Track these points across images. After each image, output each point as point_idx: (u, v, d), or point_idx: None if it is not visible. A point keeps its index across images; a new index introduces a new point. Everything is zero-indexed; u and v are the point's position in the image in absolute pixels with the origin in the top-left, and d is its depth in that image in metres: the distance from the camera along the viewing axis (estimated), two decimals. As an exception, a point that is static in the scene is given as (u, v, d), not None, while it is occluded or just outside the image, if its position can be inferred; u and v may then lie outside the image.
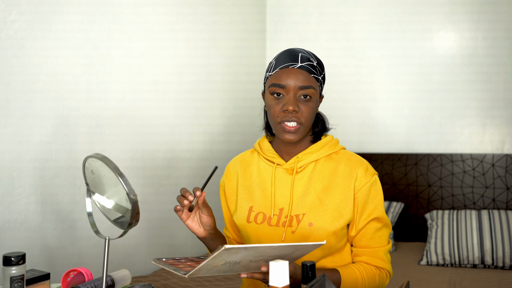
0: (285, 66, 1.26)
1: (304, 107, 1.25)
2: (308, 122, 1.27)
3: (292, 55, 1.27)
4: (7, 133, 1.77)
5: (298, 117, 1.24)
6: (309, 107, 1.25)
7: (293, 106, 1.23)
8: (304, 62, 1.26)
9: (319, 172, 1.31)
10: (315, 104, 1.28)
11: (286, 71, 1.25)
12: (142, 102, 2.43)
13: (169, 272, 2.37)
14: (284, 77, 1.25)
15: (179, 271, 1.08)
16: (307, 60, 1.27)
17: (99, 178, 1.14)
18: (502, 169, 2.92)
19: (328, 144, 1.34)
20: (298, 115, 1.24)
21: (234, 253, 0.98)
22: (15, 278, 1.17)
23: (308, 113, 1.25)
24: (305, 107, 1.25)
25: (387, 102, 3.32)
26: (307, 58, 1.28)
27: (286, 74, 1.25)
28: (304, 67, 1.26)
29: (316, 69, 1.28)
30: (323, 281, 0.99)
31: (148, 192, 2.45)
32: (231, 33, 3.21)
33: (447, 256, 2.58)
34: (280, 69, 1.27)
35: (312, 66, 1.27)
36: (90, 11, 2.11)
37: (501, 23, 3.04)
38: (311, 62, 1.28)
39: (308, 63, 1.27)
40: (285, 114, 1.24)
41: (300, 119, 1.25)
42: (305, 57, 1.28)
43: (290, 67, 1.25)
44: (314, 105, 1.27)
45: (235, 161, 1.45)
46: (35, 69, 1.87)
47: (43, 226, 1.91)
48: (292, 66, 1.25)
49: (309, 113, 1.26)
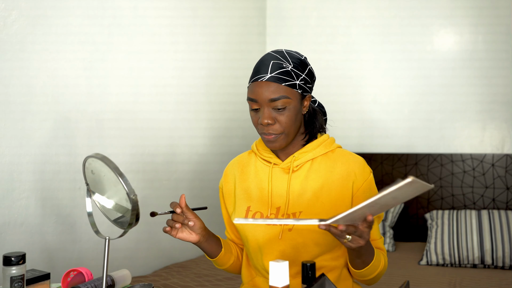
0: (255, 79, 1.25)
1: (280, 117, 1.24)
2: (290, 129, 1.27)
3: (263, 66, 1.25)
4: (7, 133, 1.77)
5: (274, 128, 1.25)
6: (285, 116, 1.25)
7: (267, 119, 1.23)
8: (274, 71, 1.23)
9: (316, 171, 1.31)
10: (293, 111, 1.26)
11: (256, 84, 1.25)
12: (142, 102, 2.43)
13: (169, 272, 2.36)
14: (255, 91, 1.24)
15: (301, 221, 1.03)
16: (278, 68, 1.24)
17: (99, 178, 1.14)
18: (502, 169, 2.92)
19: (324, 143, 1.35)
20: (274, 126, 1.25)
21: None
22: (15, 278, 1.17)
23: (285, 122, 1.25)
24: (281, 116, 1.24)
25: (387, 102, 3.31)
26: (278, 66, 1.24)
27: (257, 88, 1.24)
28: (272, 77, 1.23)
29: (289, 75, 1.24)
30: (323, 281, 0.99)
31: (148, 192, 2.45)
32: (231, 34, 3.21)
33: (447, 256, 2.58)
34: (252, 82, 1.27)
35: (284, 73, 1.24)
36: (90, 11, 2.12)
37: (501, 24, 3.04)
38: (284, 68, 1.24)
39: (279, 71, 1.23)
40: (262, 127, 1.26)
41: (277, 129, 1.25)
42: (277, 65, 1.24)
43: (259, 80, 1.24)
44: (291, 113, 1.25)
45: (233, 164, 1.46)
46: (35, 69, 1.87)
47: (43, 226, 1.91)
48: (261, 79, 1.24)
49: (286, 121, 1.25)
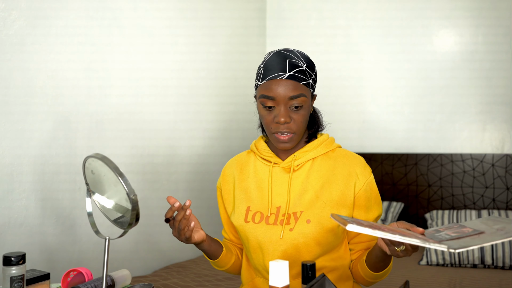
0: (273, 77, 1.23)
1: (296, 116, 1.24)
2: (301, 129, 1.27)
3: (279, 64, 1.24)
4: (7, 133, 1.77)
5: (290, 127, 1.24)
6: (301, 115, 1.25)
7: (285, 118, 1.22)
8: (293, 70, 1.23)
9: (317, 170, 1.31)
10: (307, 110, 1.27)
11: (274, 82, 1.23)
12: (142, 102, 2.43)
13: (169, 272, 2.36)
14: (273, 88, 1.23)
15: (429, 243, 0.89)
16: (295, 67, 1.24)
17: (99, 178, 1.14)
18: (502, 169, 2.92)
19: (324, 143, 1.35)
20: (290, 125, 1.24)
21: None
22: (15, 278, 1.17)
23: (300, 121, 1.25)
24: (297, 115, 1.25)
25: (387, 102, 3.31)
26: (295, 65, 1.24)
27: (275, 85, 1.23)
28: (292, 76, 1.23)
29: (305, 74, 1.25)
30: (323, 281, 0.99)
31: (148, 192, 2.45)
32: (231, 33, 3.21)
33: (447, 256, 2.58)
34: (268, 79, 1.24)
35: (301, 72, 1.24)
36: (90, 11, 2.12)
37: (501, 23, 3.04)
38: (300, 67, 1.24)
39: (297, 69, 1.24)
40: (277, 126, 1.25)
41: (293, 128, 1.25)
42: (293, 64, 1.24)
43: (279, 78, 1.23)
44: (306, 111, 1.26)
45: (231, 163, 1.45)
46: (35, 69, 1.87)
47: (43, 226, 1.91)
48: (281, 77, 1.23)
49: (301, 121, 1.26)
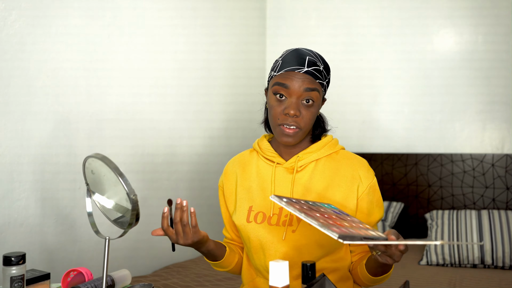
0: (291, 69, 1.25)
1: (305, 112, 1.24)
2: (308, 127, 1.27)
3: (299, 58, 1.26)
4: (7, 133, 1.77)
5: (298, 121, 1.24)
6: (310, 112, 1.25)
7: (295, 110, 1.22)
8: (311, 66, 1.25)
9: (321, 172, 1.31)
10: (317, 109, 1.28)
11: (291, 74, 1.24)
12: (142, 102, 2.43)
13: (169, 272, 2.36)
14: (289, 78, 1.24)
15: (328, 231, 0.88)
16: (313, 65, 1.25)
17: (99, 178, 1.14)
18: (502, 169, 2.92)
19: (328, 144, 1.34)
20: (298, 119, 1.24)
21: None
22: (15, 278, 1.17)
23: (308, 118, 1.25)
24: (307, 112, 1.25)
25: (387, 102, 3.31)
26: (313, 63, 1.26)
27: (292, 76, 1.24)
28: (310, 72, 1.24)
29: (322, 74, 1.27)
30: (323, 281, 0.99)
31: (148, 192, 2.45)
32: (231, 33, 3.20)
33: (447, 256, 2.58)
34: (286, 71, 1.25)
35: (318, 71, 1.26)
36: (90, 11, 2.11)
37: (501, 23, 3.04)
38: (318, 66, 1.26)
39: (315, 67, 1.25)
40: (285, 117, 1.24)
41: (300, 123, 1.24)
42: (312, 61, 1.26)
43: (296, 71, 1.24)
44: (315, 110, 1.27)
45: (234, 162, 1.44)
46: (35, 69, 1.87)
47: (43, 226, 1.91)
48: (299, 70, 1.24)
49: (310, 118, 1.26)
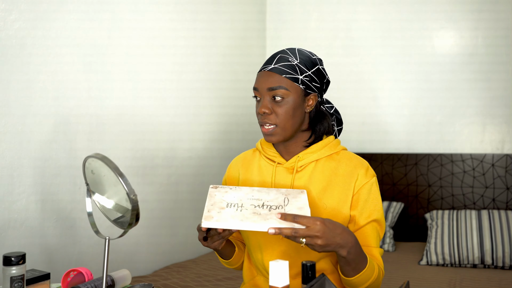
0: (260, 70, 1.31)
1: (278, 109, 1.27)
2: (284, 123, 1.27)
3: (271, 58, 1.31)
4: (7, 133, 1.77)
5: (270, 118, 1.27)
6: (282, 108, 1.26)
7: (264, 108, 1.26)
8: (280, 63, 1.28)
9: (320, 172, 1.31)
10: (292, 105, 1.27)
11: (260, 74, 1.30)
12: (142, 101, 2.43)
13: (169, 272, 2.36)
14: (257, 80, 1.30)
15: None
16: (284, 61, 1.28)
17: (99, 178, 1.14)
18: (502, 169, 2.92)
19: (329, 145, 1.35)
20: (270, 117, 1.27)
21: (224, 192, 1.17)
22: (15, 278, 1.17)
23: (281, 114, 1.26)
24: (278, 108, 1.27)
25: (387, 102, 3.32)
26: (284, 59, 1.28)
27: (259, 77, 1.30)
28: (275, 68, 1.27)
29: (293, 69, 1.27)
30: (323, 281, 0.99)
31: (148, 192, 2.46)
32: (231, 33, 3.21)
33: (447, 256, 2.58)
34: (258, 72, 1.32)
35: (287, 66, 1.27)
36: (90, 11, 2.12)
37: (501, 23, 3.04)
38: (289, 62, 1.28)
39: (284, 63, 1.27)
40: (261, 117, 1.29)
41: (272, 120, 1.27)
42: (283, 58, 1.29)
43: (263, 69, 1.30)
44: (289, 105, 1.27)
45: (237, 160, 1.47)
46: (35, 69, 1.87)
47: (43, 226, 1.91)
48: (264, 69, 1.29)
49: (283, 113, 1.26)
